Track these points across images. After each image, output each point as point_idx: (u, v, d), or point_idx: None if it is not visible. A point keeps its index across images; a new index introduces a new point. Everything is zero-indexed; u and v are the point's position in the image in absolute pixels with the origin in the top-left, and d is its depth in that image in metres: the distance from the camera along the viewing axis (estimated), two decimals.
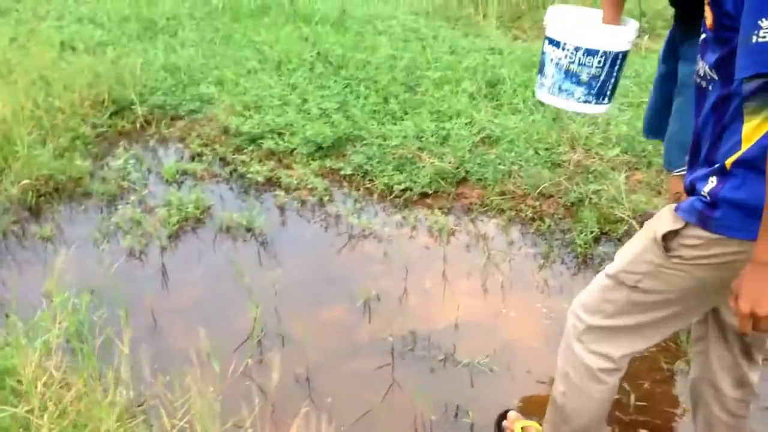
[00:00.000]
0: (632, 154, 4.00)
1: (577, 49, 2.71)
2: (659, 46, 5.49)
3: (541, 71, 2.84)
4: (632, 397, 2.53)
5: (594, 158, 3.97)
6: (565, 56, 2.75)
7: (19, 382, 2.38)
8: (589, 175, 3.83)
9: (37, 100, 4.39)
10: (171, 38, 5.76)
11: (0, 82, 4.56)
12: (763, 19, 1.31)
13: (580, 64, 2.74)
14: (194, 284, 3.25)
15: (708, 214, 1.54)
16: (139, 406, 2.46)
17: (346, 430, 2.47)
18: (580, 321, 1.88)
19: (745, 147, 1.48)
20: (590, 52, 2.72)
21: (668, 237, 1.62)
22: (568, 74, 2.76)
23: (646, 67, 5.01)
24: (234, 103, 4.62)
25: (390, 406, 2.59)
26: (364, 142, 4.20)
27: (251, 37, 5.66)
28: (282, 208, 3.81)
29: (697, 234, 1.58)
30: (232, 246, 3.53)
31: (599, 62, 2.73)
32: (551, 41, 2.76)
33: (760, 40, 1.32)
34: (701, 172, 1.60)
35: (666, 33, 2.91)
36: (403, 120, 4.36)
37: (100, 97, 4.69)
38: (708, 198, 1.55)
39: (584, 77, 2.77)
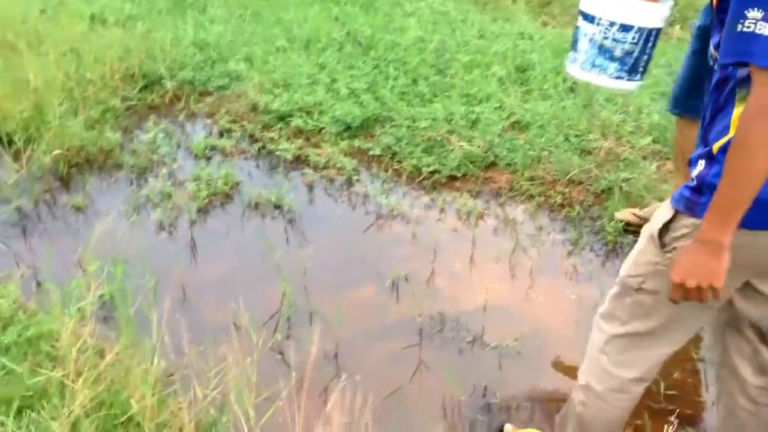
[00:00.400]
0: (664, 143, 3.97)
1: (612, 24, 2.67)
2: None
3: (573, 47, 2.81)
4: (662, 385, 2.52)
5: (625, 146, 3.94)
6: (600, 31, 2.70)
7: (54, 347, 2.41)
8: (620, 163, 3.80)
9: (69, 72, 4.40)
10: (200, 14, 5.76)
11: (31, 53, 4.57)
12: (750, 9, 1.31)
13: (614, 40, 2.70)
14: (223, 259, 3.27)
15: (695, 200, 1.55)
16: (169, 375, 2.48)
17: (376, 407, 2.48)
18: (601, 331, 1.88)
19: (731, 133, 1.48)
20: (625, 28, 2.67)
21: (662, 233, 1.63)
22: (602, 50, 2.72)
23: (678, 57, 4.95)
24: (263, 81, 4.61)
25: (418, 385, 2.60)
26: (393, 123, 4.19)
27: (280, 14, 5.64)
28: (310, 186, 3.82)
29: (686, 223, 1.58)
30: (261, 222, 3.54)
31: (634, 38, 2.70)
32: (585, 16, 2.73)
33: (745, 29, 1.32)
34: (697, 151, 1.61)
35: None
36: (432, 102, 4.34)
37: (131, 71, 4.70)
38: (695, 182, 1.57)
39: (618, 53, 2.74)
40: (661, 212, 1.67)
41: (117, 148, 4.04)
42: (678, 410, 2.49)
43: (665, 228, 1.62)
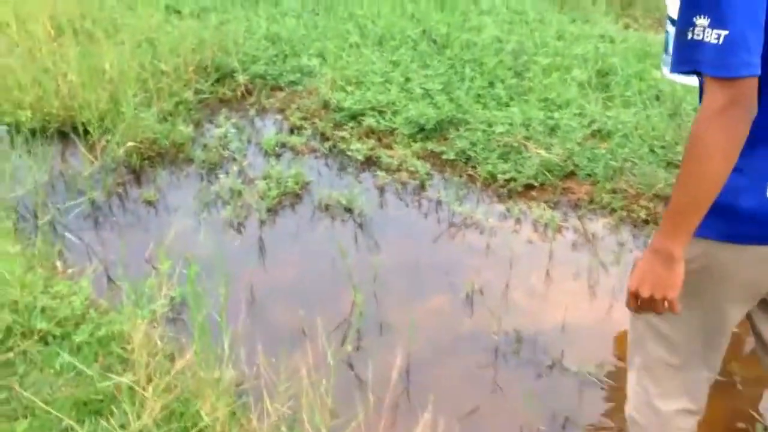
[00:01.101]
0: None
1: None
2: None
3: (665, 49, 2.71)
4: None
5: None
6: None
7: (125, 349, 2.37)
8: None
9: (144, 63, 4.40)
10: (273, 7, 5.71)
11: (108, 42, 4.59)
12: (698, 16, 1.29)
13: None
14: (292, 262, 3.20)
15: None
16: (238, 385, 2.42)
17: (451, 429, 2.37)
18: (631, 363, 1.77)
19: None
20: None
21: None
22: None
23: None
24: (335, 77, 4.53)
25: (494, 408, 2.48)
26: (468, 126, 4.06)
27: (353, 10, 5.56)
28: (381, 190, 3.72)
29: None
30: (330, 225, 3.46)
31: None
32: (671, 20, 2.64)
33: (695, 37, 1.30)
34: None
35: None
36: (509, 106, 4.20)
37: (204, 63, 4.68)
38: None
39: None
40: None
41: (188, 141, 4.01)
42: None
43: None
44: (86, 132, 3.92)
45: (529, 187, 3.72)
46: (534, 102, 4.19)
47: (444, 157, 3.91)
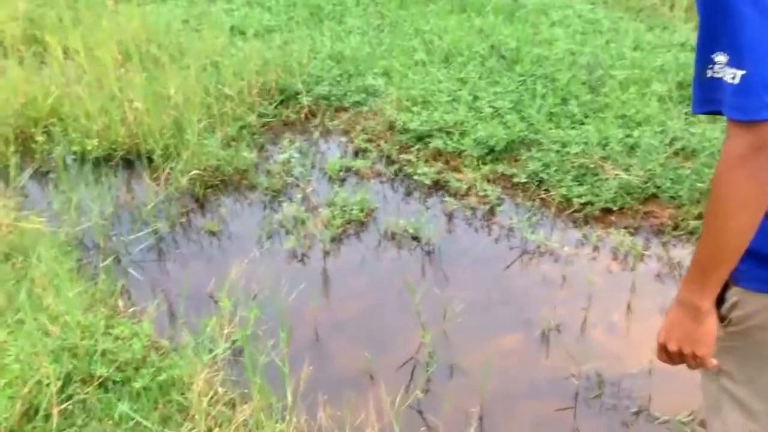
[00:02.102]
0: None
1: None
2: None
3: None
4: None
5: None
6: None
7: (184, 396, 2.29)
8: None
9: (208, 87, 4.37)
10: (337, 25, 5.63)
11: (173, 66, 4.58)
12: (717, 53, 1.18)
13: None
14: (358, 297, 3.07)
15: (737, 266, 1.31)
16: None
17: None
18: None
19: None
20: None
21: (719, 303, 1.39)
22: None
23: None
24: (401, 97, 4.40)
25: None
26: (540, 146, 3.86)
27: (418, 25, 5.42)
28: (450, 216, 3.56)
29: (734, 291, 1.37)
30: (397, 254, 3.33)
31: None
32: None
33: (715, 75, 1.19)
34: None
35: None
36: (583, 124, 3.98)
37: (268, 86, 4.62)
38: None
39: None
40: None
41: (252, 167, 3.94)
42: None
43: (721, 298, 1.39)
44: (151, 160, 3.90)
45: (607, 211, 3.50)
46: (611, 119, 3.96)
47: (515, 180, 3.72)
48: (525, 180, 3.71)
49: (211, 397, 2.27)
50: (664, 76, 4.39)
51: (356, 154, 4.14)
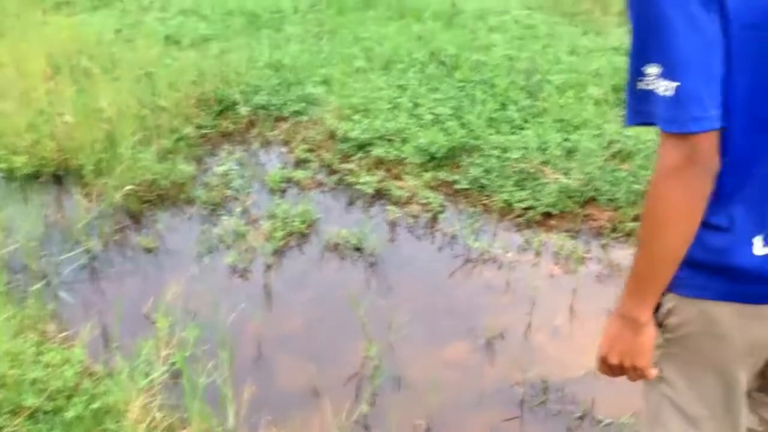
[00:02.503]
0: None
1: None
2: None
3: None
4: None
5: None
6: None
7: (119, 423, 2.20)
8: None
9: (142, 99, 4.25)
10: (275, 33, 5.56)
11: (105, 78, 4.45)
12: (649, 65, 1.17)
13: None
14: (301, 310, 3.01)
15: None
16: None
17: None
18: None
19: None
20: None
21: (657, 309, 1.38)
22: None
23: None
24: (341, 105, 4.36)
25: None
26: (481, 152, 3.87)
27: (358, 32, 5.40)
28: (393, 225, 3.53)
29: (669, 298, 1.36)
30: (340, 266, 3.28)
31: None
32: None
33: (645, 87, 1.18)
34: None
35: None
36: (523, 129, 4.01)
37: (205, 96, 4.53)
38: None
39: None
40: None
41: (189, 181, 3.85)
42: None
43: (657, 305, 1.38)
44: (82, 176, 3.77)
45: (547, 215, 3.52)
46: (549, 123, 4.00)
47: (457, 186, 3.72)
48: (467, 186, 3.70)
49: (149, 424, 2.18)
50: (600, 79, 4.46)
51: (297, 164, 4.08)
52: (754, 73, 1.19)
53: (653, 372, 1.39)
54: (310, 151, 4.14)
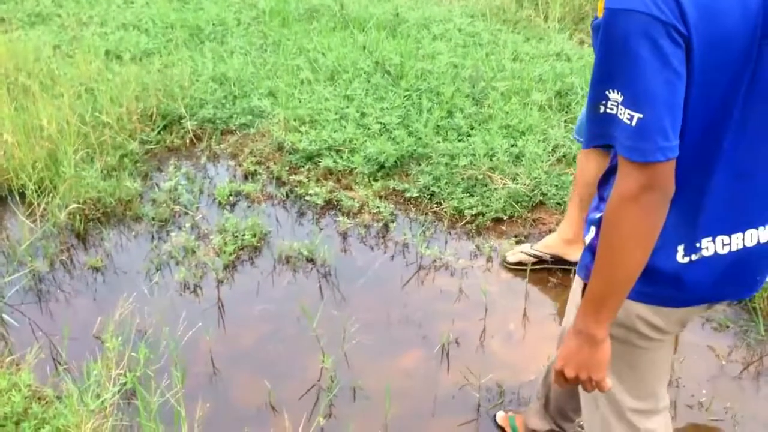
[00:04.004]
0: None
1: None
2: None
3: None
4: None
5: None
6: None
7: None
8: None
9: (84, 115, 4.16)
10: (219, 45, 5.51)
11: (45, 96, 4.34)
12: (611, 90, 1.22)
13: None
14: (254, 324, 2.99)
15: (591, 267, 1.39)
16: None
17: None
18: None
19: None
20: None
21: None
22: None
23: None
24: (288, 117, 4.34)
25: None
26: (430, 160, 3.90)
27: (302, 43, 5.38)
28: (344, 235, 3.53)
29: None
30: (293, 278, 3.26)
31: None
32: None
33: (608, 111, 1.23)
34: (590, 212, 1.52)
35: None
36: (470, 136, 4.05)
37: (149, 111, 4.45)
38: (590, 248, 1.48)
39: None
40: (576, 285, 1.61)
41: (136, 197, 3.78)
42: None
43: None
44: (23, 196, 3.67)
45: (498, 221, 3.57)
46: (495, 130, 4.05)
47: (407, 195, 3.74)
48: (416, 195, 3.72)
49: None
50: (543, 85, 4.53)
51: (245, 177, 4.05)
52: (701, 90, 1.24)
53: (609, 384, 1.44)
54: (259, 163, 4.12)
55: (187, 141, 4.39)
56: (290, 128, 4.26)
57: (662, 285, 1.42)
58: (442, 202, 3.68)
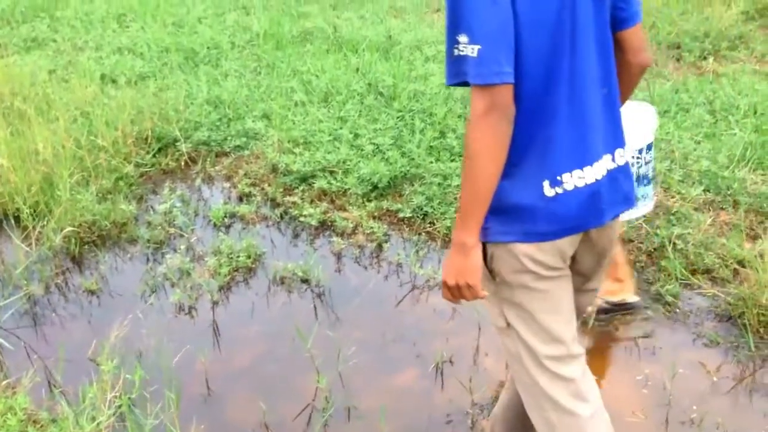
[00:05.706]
0: (715, 192, 3.69)
1: (639, 150, 2.65)
2: (725, 69, 5.18)
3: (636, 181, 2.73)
4: None
5: (675, 198, 3.66)
6: (634, 163, 2.71)
7: None
8: (671, 217, 3.52)
9: (79, 139, 4.20)
10: (213, 68, 5.57)
11: (41, 120, 4.38)
12: (460, 34, 1.48)
13: (646, 163, 2.82)
14: (249, 345, 3.00)
15: (483, 225, 1.60)
16: None
17: None
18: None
19: None
20: (649, 146, 2.69)
21: (487, 263, 1.67)
22: (639, 179, 2.77)
23: (718, 93, 4.70)
24: (282, 139, 4.38)
25: None
26: (423, 181, 3.94)
27: (296, 66, 5.44)
28: (338, 256, 3.56)
29: (488, 247, 1.65)
30: (287, 299, 3.28)
31: (651, 152, 2.72)
32: (639, 150, 2.69)
33: (459, 53, 1.48)
34: None
35: (730, 54, 2.75)
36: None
37: (144, 134, 4.49)
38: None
39: (651, 173, 2.75)
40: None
41: (131, 220, 3.81)
42: None
43: (485, 256, 1.66)
44: (18, 219, 3.69)
45: None
46: None
47: (400, 215, 3.77)
48: (410, 215, 3.76)
49: None
50: None
51: (240, 199, 4.08)
52: (535, 44, 1.51)
53: (484, 293, 1.64)
54: (253, 185, 4.15)
55: (182, 163, 4.43)
56: (284, 150, 4.30)
57: (538, 221, 1.61)
58: (435, 221, 3.71)
